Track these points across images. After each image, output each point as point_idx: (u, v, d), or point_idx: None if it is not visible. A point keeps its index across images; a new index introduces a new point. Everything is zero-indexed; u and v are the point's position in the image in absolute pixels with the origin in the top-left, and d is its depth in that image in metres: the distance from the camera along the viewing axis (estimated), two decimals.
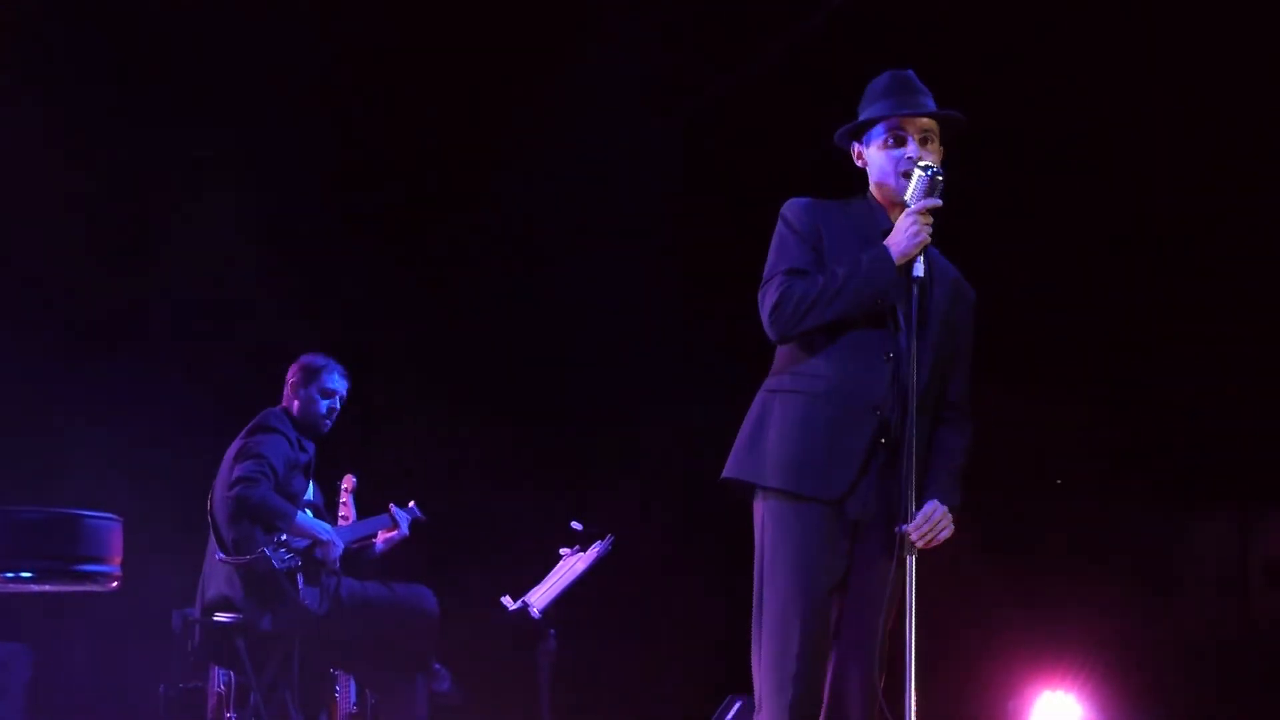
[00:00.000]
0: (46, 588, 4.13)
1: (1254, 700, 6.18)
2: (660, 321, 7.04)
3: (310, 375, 5.54)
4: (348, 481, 5.73)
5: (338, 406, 5.57)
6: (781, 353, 3.41)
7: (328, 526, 5.39)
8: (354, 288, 7.07)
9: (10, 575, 3.97)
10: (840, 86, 3.75)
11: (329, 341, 5.96)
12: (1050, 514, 6.69)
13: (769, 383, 3.41)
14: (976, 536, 6.43)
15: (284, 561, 5.16)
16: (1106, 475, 6.65)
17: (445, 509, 6.74)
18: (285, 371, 5.62)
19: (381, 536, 5.65)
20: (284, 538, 5.20)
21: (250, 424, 5.41)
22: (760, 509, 3.34)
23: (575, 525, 5.46)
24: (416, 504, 5.75)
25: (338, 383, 5.56)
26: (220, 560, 5.21)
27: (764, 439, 3.32)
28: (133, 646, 6.10)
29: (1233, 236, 6.22)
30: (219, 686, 5.51)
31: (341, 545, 5.35)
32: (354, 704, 5.54)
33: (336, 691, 5.52)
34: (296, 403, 5.53)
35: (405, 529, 5.66)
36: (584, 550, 5.43)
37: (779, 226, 3.42)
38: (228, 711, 5.49)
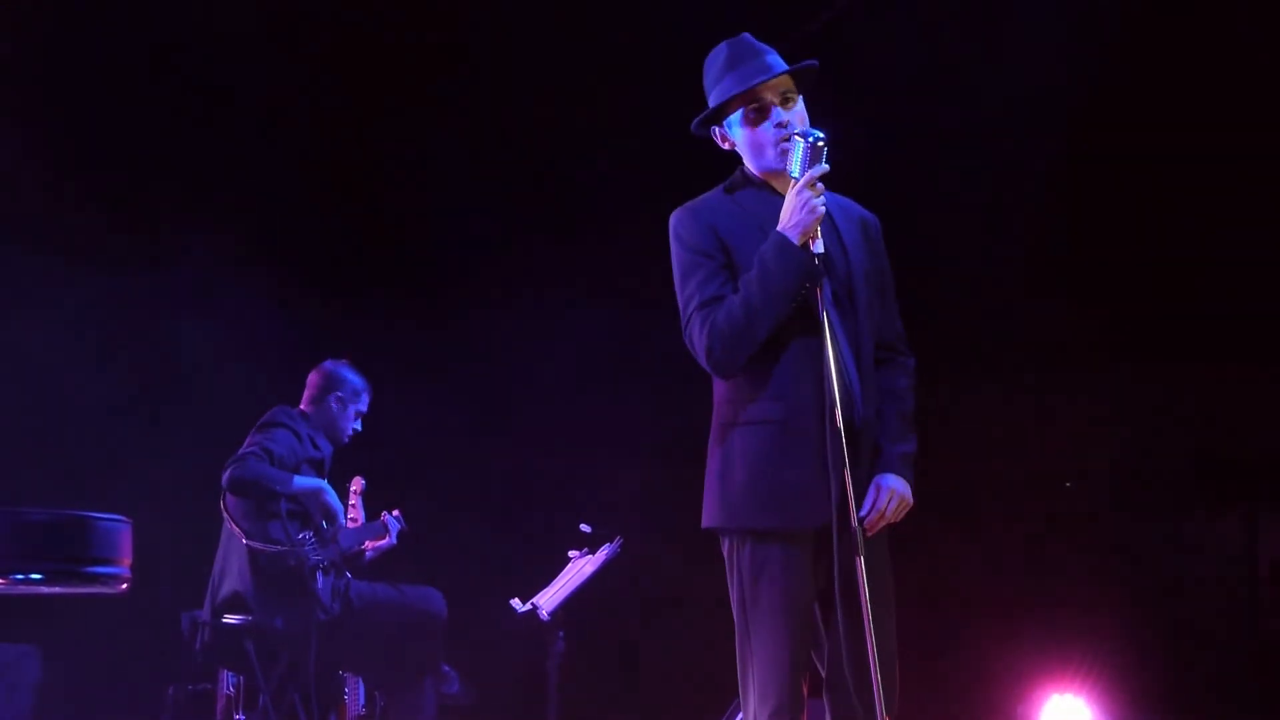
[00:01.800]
0: (56, 590, 4.11)
1: (1262, 701, 6.17)
2: (669, 320, 7.03)
3: (345, 390, 5.61)
4: (356, 484, 5.74)
5: (360, 428, 5.69)
6: (723, 384, 3.21)
7: (324, 482, 5.42)
8: (361, 288, 7.07)
9: (20, 577, 3.95)
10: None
11: (337, 343, 5.97)
12: (1059, 516, 6.68)
13: (721, 416, 3.21)
14: (986, 539, 6.47)
15: (318, 555, 5.19)
16: (1115, 477, 6.65)
17: (454, 510, 6.75)
18: (299, 372, 5.66)
19: (369, 545, 5.65)
20: (307, 534, 5.22)
21: (260, 421, 5.45)
22: (732, 548, 3.18)
23: (584, 527, 5.47)
24: (401, 513, 5.75)
25: (365, 403, 5.67)
26: (248, 546, 5.22)
27: (733, 480, 3.13)
28: (142, 648, 6.10)
29: (1233, 236, 6.22)
30: (228, 688, 5.51)
31: (332, 493, 5.38)
32: (363, 706, 5.54)
33: (345, 693, 5.53)
34: (319, 408, 5.58)
35: (394, 538, 5.68)
36: (593, 552, 5.43)
37: (674, 246, 3.23)
38: (236, 713, 5.50)
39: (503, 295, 7.21)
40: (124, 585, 4.20)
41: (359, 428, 5.69)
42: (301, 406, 5.63)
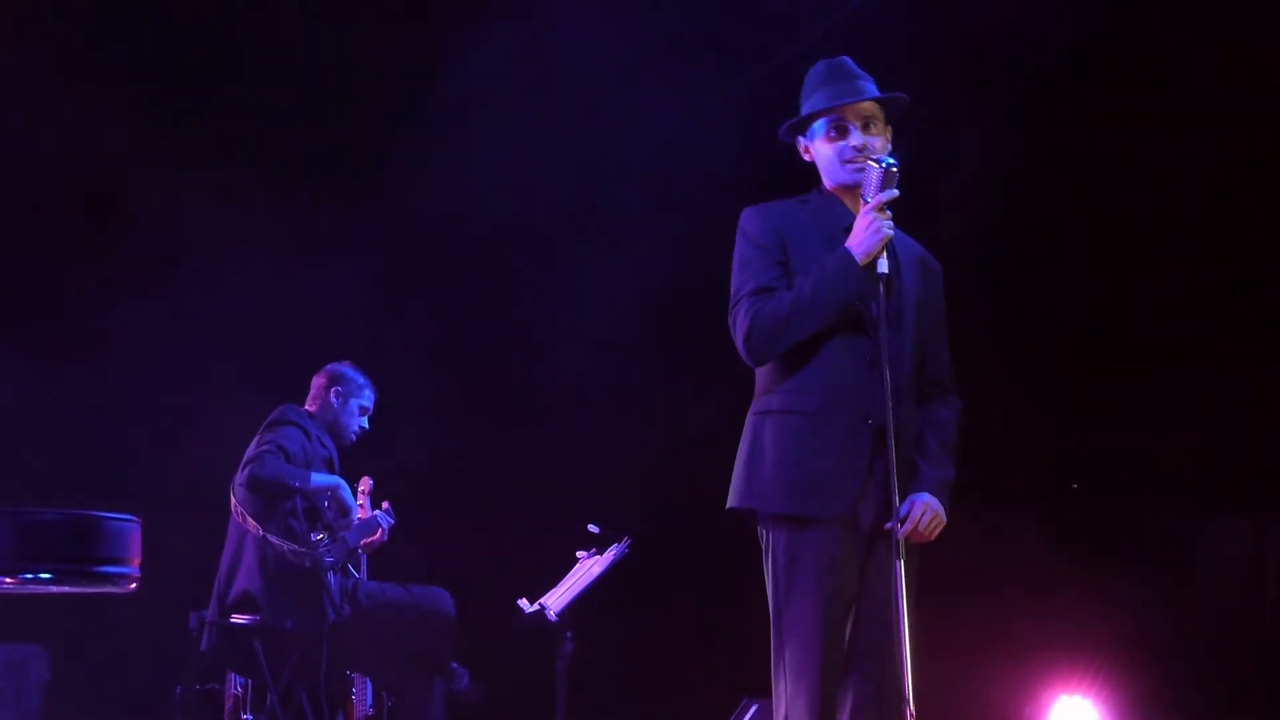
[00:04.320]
0: (65, 589, 4.12)
1: (1270, 703, 6.16)
2: (675, 321, 7.03)
3: (347, 386, 5.61)
4: (365, 484, 5.74)
5: (366, 426, 5.69)
6: (763, 372, 3.34)
7: (340, 478, 5.43)
8: (365, 285, 7.07)
9: (29, 576, 3.97)
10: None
11: (340, 342, 5.98)
12: (1067, 518, 6.68)
13: (756, 404, 3.34)
14: (994, 541, 6.46)
15: (332, 556, 5.19)
16: (1123, 478, 6.64)
17: (461, 511, 6.75)
18: (300, 372, 5.65)
19: (364, 542, 5.64)
20: (321, 536, 5.22)
21: (267, 420, 5.46)
22: (768, 536, 3.28)
23: (592, 528, 5.46)
24: (390, 506, 5.73)
25: (369, 399, 5.66)
26: (258, 546, 5.22)
27: (762, 464, 3.26)
28: (150, 648, 6.11)
29: (1237, 239, 6.21)
30: (236, 688, 5.51)
31: (348, 488, 5.41)
32: (370, 706, 5.54)
33: (353, 693, 5.52)
34: (321, 406, 5.59)
35: (385, 534, 5.67)
36: (601, 553, 5.42)
37: (738, 240, 3.37)
38: (244, 713, 5.49)
39: (514, 294, 7.21)
40: (133, 585, 4.21)
41: (365, 425, 5.69)
42: (306, 406, 5.64)
